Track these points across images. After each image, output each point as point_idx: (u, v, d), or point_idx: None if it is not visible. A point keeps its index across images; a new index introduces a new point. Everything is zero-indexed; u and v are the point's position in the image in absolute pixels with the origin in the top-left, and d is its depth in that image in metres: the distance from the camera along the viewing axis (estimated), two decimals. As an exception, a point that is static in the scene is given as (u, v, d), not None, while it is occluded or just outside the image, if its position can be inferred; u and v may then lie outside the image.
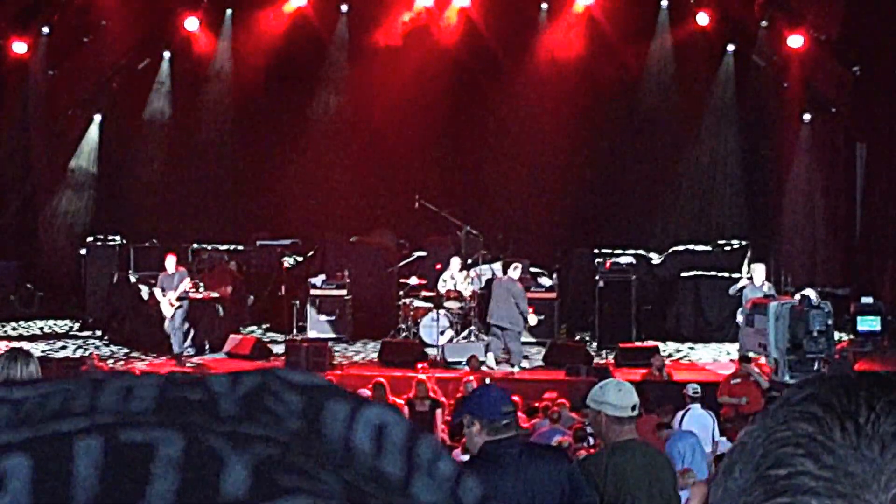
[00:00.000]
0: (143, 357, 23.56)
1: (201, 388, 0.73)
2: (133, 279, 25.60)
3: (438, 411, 17.68)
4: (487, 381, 18.29)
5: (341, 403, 0.74)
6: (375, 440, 0.72)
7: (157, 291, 23.09)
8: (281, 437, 0.70)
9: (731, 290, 22.24)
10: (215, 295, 24.76)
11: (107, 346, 25.19)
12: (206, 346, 23.89)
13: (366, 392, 15.14)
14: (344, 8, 30.87)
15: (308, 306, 25.32)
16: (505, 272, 23.86)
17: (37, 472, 0.65)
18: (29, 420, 0.69)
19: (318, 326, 25.18)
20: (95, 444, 0.66)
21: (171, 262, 23.08)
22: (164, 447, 0.66)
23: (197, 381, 0.73)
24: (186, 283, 23.00)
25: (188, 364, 22.65)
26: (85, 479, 0.64)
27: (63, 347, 24.70)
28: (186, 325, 23.47)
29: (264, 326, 27.15)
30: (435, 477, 0.73)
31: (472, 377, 19.61)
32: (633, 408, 7.14)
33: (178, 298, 22.81)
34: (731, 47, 29.94)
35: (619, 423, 7.06)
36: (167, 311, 22.88)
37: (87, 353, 23.32)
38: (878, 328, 22.05)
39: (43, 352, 23.17)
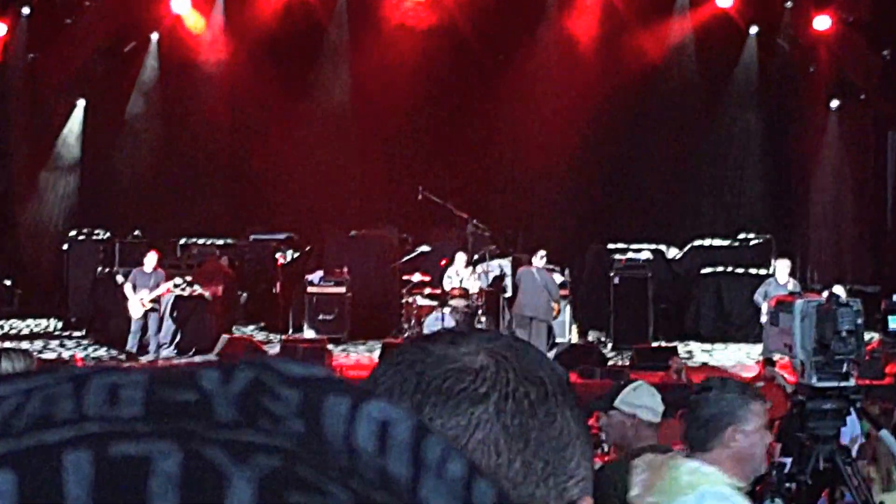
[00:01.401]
0: (128, 360, 23.55)
1: (191, 386, 0.71)
2: (118, 276, 25.60)
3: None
4: None
5: (341, 397, 0.72)
6: (379, 438, 0.71)
7: (128, 287, 23.04)
8: (282, 444, 0.68)
9: (757, 298, 22.11)
10: (205, 292, 24.75)
11: (90, 346, 25.20)
12: (195, 348, 23.91)
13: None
14: (343, -13, 30.92)
15: (305, 304, 25.34)
16: (530, 261, 23.96)
17: (23, 489, 0.64)
18: (10, 428, 0.67)
19: (315, 326, 25.19)
20: (85, 459, 0.64)
21: (151, 259, 23.10)
22: (161, 461, 0.65)
23: (186, 378, 0.72)
24: (163, 287, 23.04)
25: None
26: (76, 498, 0.63)
27: (45, 348, 24.70)
28: (168, 328, 23.53)
29: (258, 326, 27.18)
30: (445, 479, 0.72)
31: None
32: (664, 412, 7.24)
33: (151, 301, 22.84)
34: (753, 29, 29.93)
35: (653, 429, 7.11)
36: (135, 310, 22.87)
37: (68, 355, 23.36)
38: (911, 328, 22.00)
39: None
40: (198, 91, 30.54)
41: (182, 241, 28.35)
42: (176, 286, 23.75)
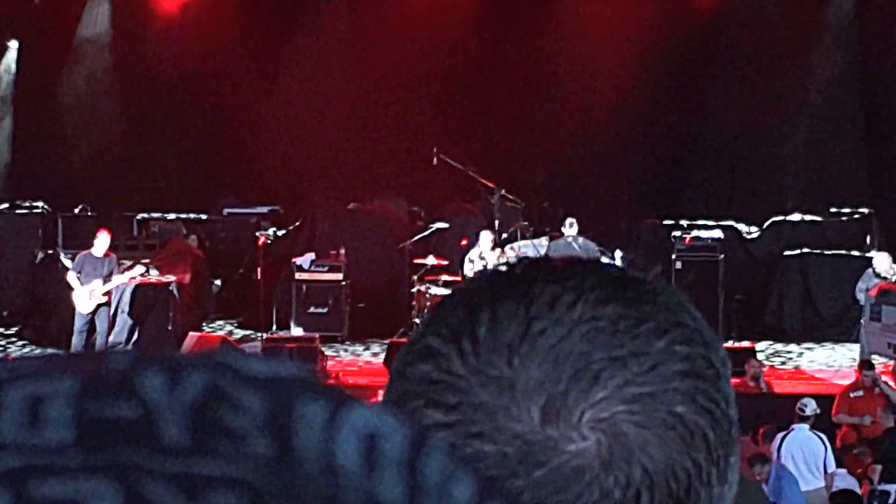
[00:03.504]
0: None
1: (131, 396, 0.70)
2: (63, 259, 25.65)
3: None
4: None
5: (316, 403, 0.71)
6: (365, 455, 0.70)
7: (73, 276, 23.02)
8: (244, 475, 0.67)
9: (859, 295, 22.06)
10: (169, 280, 24.81)
11: (28, 347, 25.29)
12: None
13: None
14: None
15: (292, 295, 25.40)
16: (559, 233, 24.01)
17: None
18: None
19: (305, 321, 25.28)
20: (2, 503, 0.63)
21: (103, 240, 23.05)
22: None
23: (124, 386, 0.70)
24: (123, 277, 23.10)
25: None
26: None
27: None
28: (123, 325, 23.62)
29: (234, 321, 27.25)
30: None
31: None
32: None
33: (105, 293, 22.90)
34: (850, -47, 29.94)
35: None
36: (83, 304, 22.82)
37: None
38: None
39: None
40: (160, 32, 30.60)
41: (140, 216, 28.39)
42: (142, 275, 23.80)
